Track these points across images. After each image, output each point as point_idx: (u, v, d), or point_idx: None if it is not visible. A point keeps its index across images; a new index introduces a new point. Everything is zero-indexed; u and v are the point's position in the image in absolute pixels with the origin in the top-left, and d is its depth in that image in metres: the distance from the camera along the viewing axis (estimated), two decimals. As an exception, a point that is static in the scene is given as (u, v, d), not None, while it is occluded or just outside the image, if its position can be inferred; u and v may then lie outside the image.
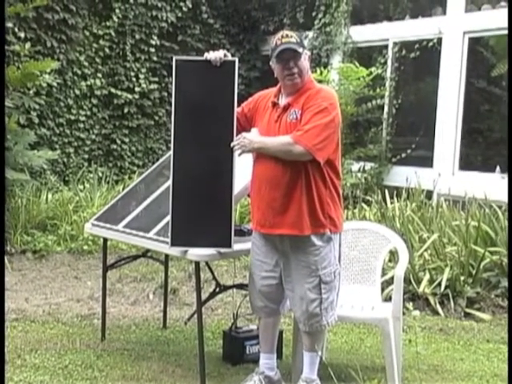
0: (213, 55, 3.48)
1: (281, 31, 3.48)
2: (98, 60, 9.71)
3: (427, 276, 5.45)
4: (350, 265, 4.14)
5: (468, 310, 5.28)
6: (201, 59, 3.52)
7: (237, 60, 3.52)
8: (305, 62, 3.42)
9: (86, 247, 6.97)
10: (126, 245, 6.71)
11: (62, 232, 7.20)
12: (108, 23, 9.70)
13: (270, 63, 3.50)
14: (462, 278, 5.41)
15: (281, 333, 4.04)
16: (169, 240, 3.54)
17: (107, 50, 9.76)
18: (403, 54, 9.18)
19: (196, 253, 3.58)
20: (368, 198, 8.01)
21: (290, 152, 3.28)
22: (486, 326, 5.06)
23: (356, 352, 4.50)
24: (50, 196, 8.01)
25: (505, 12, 7.78)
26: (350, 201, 7.80)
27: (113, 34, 9.74)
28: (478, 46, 8.60)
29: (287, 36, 3.39)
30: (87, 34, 9.56)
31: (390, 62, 9.31)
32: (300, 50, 3.37)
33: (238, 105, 3.54)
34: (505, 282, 5.40)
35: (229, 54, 3.53)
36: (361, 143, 9.33)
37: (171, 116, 3.54)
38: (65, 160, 9.41)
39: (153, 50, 10.08)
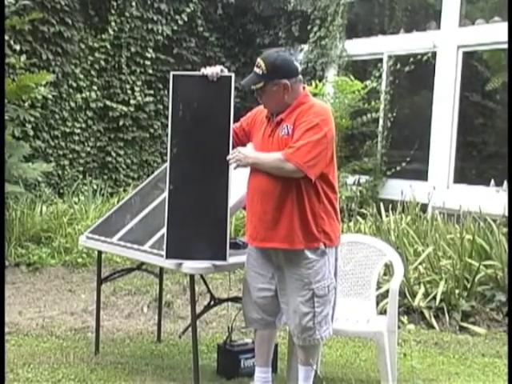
0: (209, 70, 3.50)
1: (259, 57, 3.42)
2: (93, 73, 9.72)
3: (422, 289, 5.45)
4: (344, 278, 4.14)
5: (463, 324, 5.27)
6: (197, 74, 3.54)
7: (233, 75, 3.54)
8: (275, 91, 3.37)
9: (80, 260, 6.94)
10: (120, 258, 6.69)
11: (56, 245, 7.16)
12: (104, 36, 9.74)
13: None
14: (457, 292, 5.41)
15: (276, 346, 4.02)
16: (164, 253, 3.54)
17: (103, 63, 9.78)
18: (398, 68, 9.21)
19: (191, 266, 3.58)
20: (363, 211, 8.01)
21: (282, 169, 3.28)
22: (481, 340, 5.05)
23: (351, 366, 4.48)
24: (44, 208, 7.98)
25: (498, 27, 7.85)
26: (345, 214, 7.79)
27: (108, 46, 9.77)
28: (472, 60, 8.65)
29: (257, 65, 3.37)
30: (83, 46, 9.59)
31: (384, 76, 9.34)
32: (258, 85, 3.37)
33: (235, 119, 3.55)
34: (500, 296, 5.40)
35: (225, 70, 3.54)
36: (356, 156, 9.34)
37: (167, 130, 3.55)
38: (59, 172, 9.40)
39: (148, 62, 10.11)
